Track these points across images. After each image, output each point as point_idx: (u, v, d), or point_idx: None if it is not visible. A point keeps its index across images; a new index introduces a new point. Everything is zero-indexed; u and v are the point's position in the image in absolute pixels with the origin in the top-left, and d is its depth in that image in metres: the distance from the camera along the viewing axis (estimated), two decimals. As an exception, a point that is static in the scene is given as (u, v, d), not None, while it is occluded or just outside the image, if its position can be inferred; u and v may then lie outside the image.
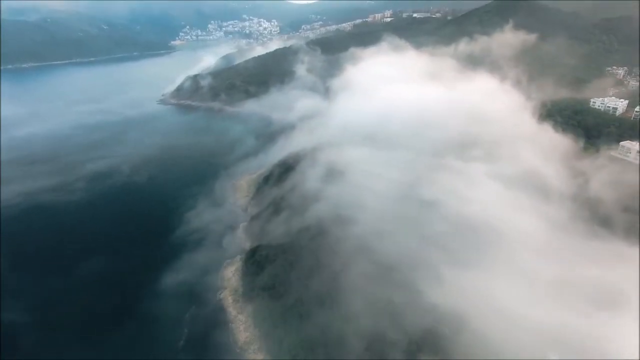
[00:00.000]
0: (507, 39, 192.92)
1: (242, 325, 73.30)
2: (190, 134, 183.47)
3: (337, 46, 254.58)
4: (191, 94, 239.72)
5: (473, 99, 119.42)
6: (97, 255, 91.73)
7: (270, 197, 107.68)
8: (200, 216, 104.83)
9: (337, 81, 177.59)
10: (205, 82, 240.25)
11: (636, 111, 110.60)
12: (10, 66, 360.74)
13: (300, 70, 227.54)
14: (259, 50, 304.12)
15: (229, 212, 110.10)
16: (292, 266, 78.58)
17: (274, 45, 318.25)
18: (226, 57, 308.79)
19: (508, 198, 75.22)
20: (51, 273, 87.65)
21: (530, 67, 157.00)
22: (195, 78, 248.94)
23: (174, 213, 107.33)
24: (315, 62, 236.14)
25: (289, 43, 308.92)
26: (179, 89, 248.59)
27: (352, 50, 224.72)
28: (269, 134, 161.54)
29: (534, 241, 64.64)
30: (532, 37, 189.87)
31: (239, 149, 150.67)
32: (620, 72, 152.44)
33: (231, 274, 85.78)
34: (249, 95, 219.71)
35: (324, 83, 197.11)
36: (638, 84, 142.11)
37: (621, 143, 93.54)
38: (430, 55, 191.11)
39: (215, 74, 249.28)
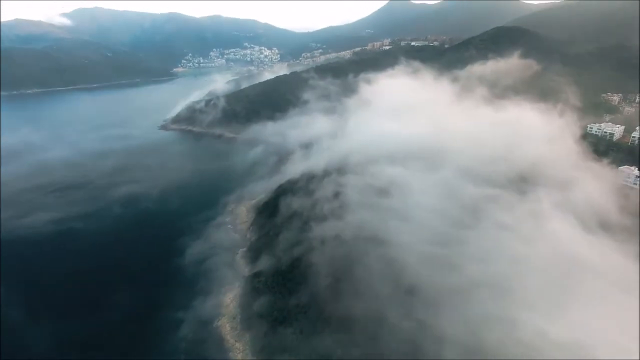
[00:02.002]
0: (505, 66, 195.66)
1: (240, 353, 71.44)
2: (193, 161, 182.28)
3: (345, 71, 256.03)
4: (194, 120, 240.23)
5: (512, 122, 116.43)
6: (104, 284, 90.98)
7: (269, 223, 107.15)
8: (201, 243, 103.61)
9: (353, 104, 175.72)
10: (209, 108, 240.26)
11: (633, 136, 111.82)
12: (15, 92, 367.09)
13: (313, 93, 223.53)
14: (265, 76, 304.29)
15: (228, 238, 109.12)
16: (291, 293, 77.46)
17: (280, 72, 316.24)
18: (230, 83, 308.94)
19: (581, 230, 70.82)
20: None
21: (529, 93, 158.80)
22: (197, 104, 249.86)
23: (176, 240, 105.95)
24: (327, 86, 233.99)
25: (293, 69, 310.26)
26: (180, 115, 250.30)
27: (364, 73, 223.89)
28: (277, 159, 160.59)
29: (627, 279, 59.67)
30: (528, 65, 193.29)
31: (247, 174, 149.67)
32: (615, 98, 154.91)
33: (229, 301, 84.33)
34: (257, 120, 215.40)
35: (338, 106, 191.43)
36: (633, 110, 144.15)
37: (620, 168, 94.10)
38: (437, 79, 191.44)
39: (220, 99, 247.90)
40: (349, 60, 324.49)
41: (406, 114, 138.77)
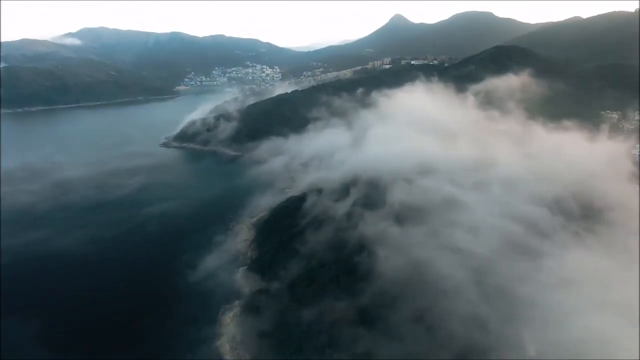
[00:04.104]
0: (506, 84, 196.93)
1: (240, 375, 70.31)
2: (206, 179, 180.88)
3: (354, 87, 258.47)
4: (197, 137, 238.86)
5: (544, 141, 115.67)
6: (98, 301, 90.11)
7: (271, 240, 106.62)
8: (202, 262, 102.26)
9: (372, 119, 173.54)
10: (213, 126, 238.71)
11: (633, 153, 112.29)
12: (20, 110, 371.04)
13: (325, 110, 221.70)
14: (267, 94, 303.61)
15: (229, 255, 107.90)
16: (291, 312, 76.59)
17: (282, 89, 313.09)
18: (233, 101, 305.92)
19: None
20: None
21: (529, 112, 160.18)
22: (201, 122, 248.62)
23: (177, 258, 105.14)
24: (342, 103, 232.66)
25: (295, 87, 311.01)
26: (183, 133, 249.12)
27: (376, 89, 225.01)
28: (289, 175, 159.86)
29: None
30: (528, 83, 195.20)
31: (255, 191, 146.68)
32: (615, 115, 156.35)
33: (229, 320, 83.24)
34: (265, 137, 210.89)
35: (355, 121, 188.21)
36: (632, 127, 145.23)
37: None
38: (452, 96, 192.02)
39: (224, 117, 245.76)
40: (351, 79, 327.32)
41: (432, 129, 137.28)
